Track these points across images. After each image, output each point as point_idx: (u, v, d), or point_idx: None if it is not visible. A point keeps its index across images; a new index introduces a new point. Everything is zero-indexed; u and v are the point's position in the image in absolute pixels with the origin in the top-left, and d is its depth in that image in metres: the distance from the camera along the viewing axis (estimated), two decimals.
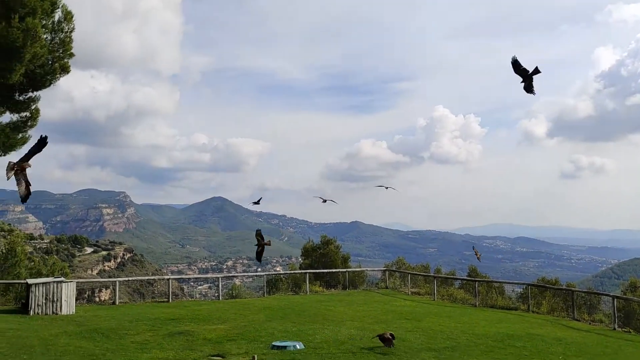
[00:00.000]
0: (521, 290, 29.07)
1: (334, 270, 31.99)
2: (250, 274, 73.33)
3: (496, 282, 30.56)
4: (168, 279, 27.16)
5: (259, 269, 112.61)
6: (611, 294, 24.08)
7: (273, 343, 14.87)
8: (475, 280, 27.84)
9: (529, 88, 9.63)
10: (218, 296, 27.90)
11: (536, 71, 9.61)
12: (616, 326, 20.91)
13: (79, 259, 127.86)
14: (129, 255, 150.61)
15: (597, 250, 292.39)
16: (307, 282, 29.46)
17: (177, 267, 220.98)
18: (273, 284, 30.76)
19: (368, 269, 36.51)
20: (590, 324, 22.05)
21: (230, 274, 47.39)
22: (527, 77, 9.56)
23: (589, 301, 25.64)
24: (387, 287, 31.84)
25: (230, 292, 30.05)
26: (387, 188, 14.06)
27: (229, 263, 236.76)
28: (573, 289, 25.49)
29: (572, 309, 23.17)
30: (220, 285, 28.11)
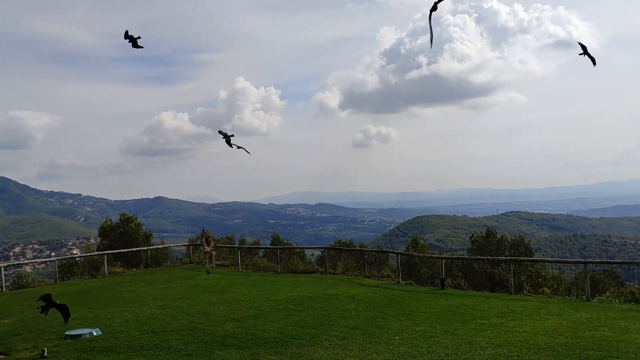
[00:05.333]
0: (320, 253, 30.88)
1: (135, 249, 30.70)
2: (41, 259, 67.12)
3: (297, 248, 32.06)
4: None
5: (53, 254, 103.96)
6: (396, 251, 26.79)
7: (66, 332, 13.82)
8: (277, 248, 28.92)
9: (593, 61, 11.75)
10: (1, 287, 25.06)
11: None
12: (400, 279, 23.36)
13: None
14: None
15: (386, 212, 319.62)
16: (106, 264, 27.89)
17: None
18: (68, 269, 28.52)
19: (172, 245, 35.73)
20: (379, 279, 24.27)
21: (17, 262, 42.76)
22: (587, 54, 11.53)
23: (378, 259, 28.08)
24: (191, 262, 31.51)
25: (17, 281, 27.24)
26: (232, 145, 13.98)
27: (17, 249, 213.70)
28: (364, 249, 27.93)
29: (363, 268, 25.29)
30: (2, 275, 25.16)
